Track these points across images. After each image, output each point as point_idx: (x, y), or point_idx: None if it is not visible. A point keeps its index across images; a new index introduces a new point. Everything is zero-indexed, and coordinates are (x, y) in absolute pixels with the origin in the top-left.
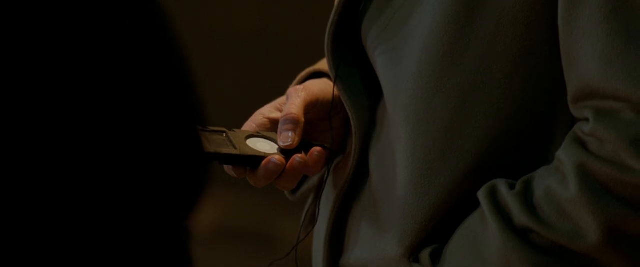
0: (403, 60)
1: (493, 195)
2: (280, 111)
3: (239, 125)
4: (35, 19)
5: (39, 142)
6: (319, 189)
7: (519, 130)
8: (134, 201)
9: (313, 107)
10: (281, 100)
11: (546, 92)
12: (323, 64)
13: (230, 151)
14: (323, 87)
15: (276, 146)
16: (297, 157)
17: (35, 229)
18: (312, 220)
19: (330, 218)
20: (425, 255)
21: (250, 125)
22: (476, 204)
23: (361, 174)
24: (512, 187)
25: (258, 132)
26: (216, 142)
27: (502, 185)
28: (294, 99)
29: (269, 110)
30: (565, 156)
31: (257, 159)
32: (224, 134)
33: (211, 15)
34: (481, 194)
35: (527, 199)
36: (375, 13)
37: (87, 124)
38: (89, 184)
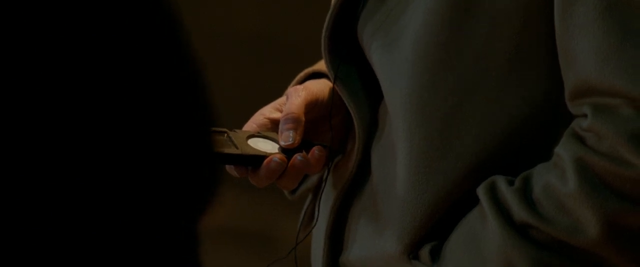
0: (399, 52)
1: (492, 191)
2: (281, 111)
3: (240, 125)
4: (47, 19)
5: (47, 142)
6: (318, 189)
7: (518, 130)
8: (144, 202)
9: (313, 107)
10: (281, 100)
11: (544, 90)
12: (321, 65)
13: (232, 150)
14: (322, 87)
15: (277, 146)
16: (299, 156)
17: (42, 230)
18: (311, 219)
19: (330, 216)
20: (424, 252)
21: (250, 125)
22: (476, 202)
23: (363, 173)
24: (511, 183)
25: (259, 132)
26: (218, 142)
27: (501, 181)
28: (295, 99)
29: (269, 111)
30: (563, 151)
31: (259, 158)
32: (225, 135)
33: (211, 15)
34: (480, 191)
35: (526, 194)
36: (371, 12)
37: (96, 124)
38: (99, 185)
